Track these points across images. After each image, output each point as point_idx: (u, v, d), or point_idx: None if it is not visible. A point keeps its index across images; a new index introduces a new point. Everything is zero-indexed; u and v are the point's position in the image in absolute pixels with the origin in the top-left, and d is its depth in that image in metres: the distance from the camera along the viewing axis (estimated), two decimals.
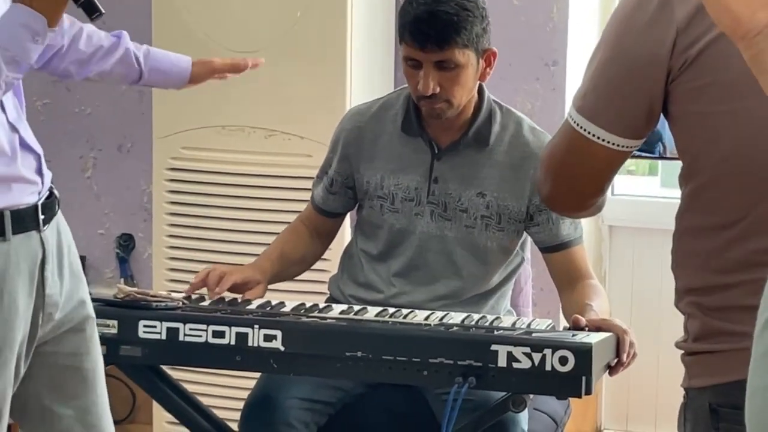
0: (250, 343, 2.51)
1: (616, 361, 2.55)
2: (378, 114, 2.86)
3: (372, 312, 2.66)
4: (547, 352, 2.43)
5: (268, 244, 2.92)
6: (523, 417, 2.68)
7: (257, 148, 3.56)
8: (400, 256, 2.85)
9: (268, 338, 2.51)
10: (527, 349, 2.45)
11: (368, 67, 3.68)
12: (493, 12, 2.75)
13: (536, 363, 2.43)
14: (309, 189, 2.99)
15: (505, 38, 3.40)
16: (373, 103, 2.91)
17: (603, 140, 1.59)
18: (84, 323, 2.33)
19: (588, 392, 2.43)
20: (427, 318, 2.62)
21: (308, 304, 2.69)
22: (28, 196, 2.22)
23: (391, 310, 2.69)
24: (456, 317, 2.63)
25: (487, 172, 2.78)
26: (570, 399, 2.84)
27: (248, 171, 3.59)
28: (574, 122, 1.62)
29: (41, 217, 2.23)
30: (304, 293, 3.23)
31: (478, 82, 2.76)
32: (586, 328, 2.56)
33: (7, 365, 2.18)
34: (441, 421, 2.50)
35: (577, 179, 1.69)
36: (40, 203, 2.23)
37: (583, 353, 2.41)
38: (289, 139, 3.52)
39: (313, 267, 3.03)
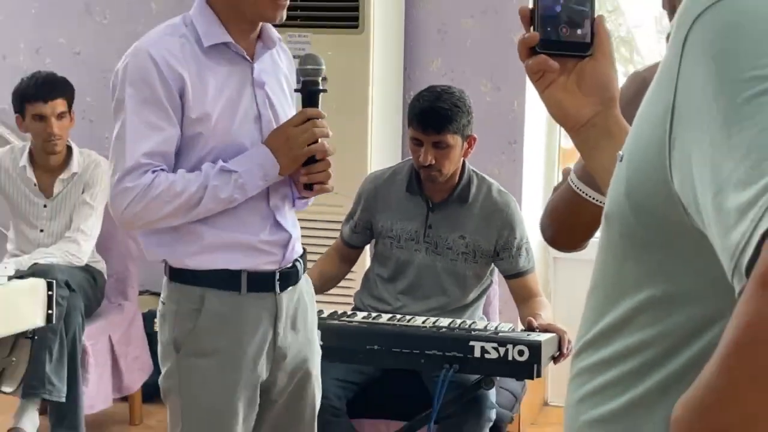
0: None
1: (558, 353, 2.77)
2: (390, 178, 3.10)
3: (385, 318, 2.88)
4: (509, 346, 2.62)
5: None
6: (492, 393, 2.89)
7: None
8: (403, 279, 3.05)
9: None
10: (495, 344, 2.64)
11: (382, 142, 3.92)
12: (471, 103, 2.99)
13: (501, 354, 2.63)
14: (339, 230, 3.26)
15: (480, 122, 3.39)
16: (386, 170, 3.17)
17: (594, 199, 1.55)
18: (303, 379, 2.29)
19: (538, 375, 2.65)
20: (423, 322, 2.82)
21: (339, 311, 2.93)
22: (266, 264, 2.21)
23: (398, 316, 2.90)
24: (444, 322, 2.83)
25: (467, 222, 3.00)
26: (525, 380, 2.98)
27: None
28: (574, 184, 1.58)
29: (277, 282, 2.21)
30: (337, 303, 3.36)
31: (462, 159, 3.00)
32: (537, 330, 2.76)
33: (233, 397, 2.16)
34: (433, 396, 2.71)
35: (574, 227, 1.65)
36: (278, 271, 2.22)
37: (535, 347, 2.62)
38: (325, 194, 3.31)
39: (342, 285, 3.27)
